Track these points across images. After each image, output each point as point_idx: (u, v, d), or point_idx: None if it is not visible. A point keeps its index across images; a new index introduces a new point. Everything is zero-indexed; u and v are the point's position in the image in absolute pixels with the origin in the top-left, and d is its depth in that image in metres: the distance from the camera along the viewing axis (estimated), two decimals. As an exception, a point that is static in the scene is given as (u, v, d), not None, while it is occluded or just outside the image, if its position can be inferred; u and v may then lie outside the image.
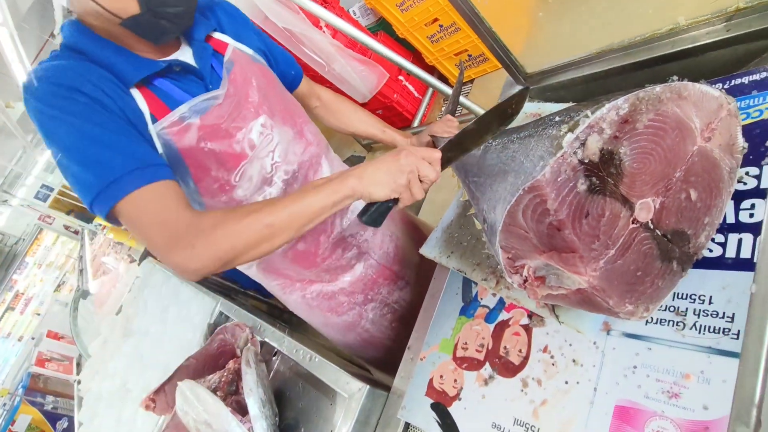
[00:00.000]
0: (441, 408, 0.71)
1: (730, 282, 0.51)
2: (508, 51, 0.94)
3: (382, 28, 2.71)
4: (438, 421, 0.70)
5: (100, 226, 4.43)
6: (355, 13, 2.84)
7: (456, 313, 0.79)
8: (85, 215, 5.66)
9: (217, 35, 0.86)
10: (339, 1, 2.51)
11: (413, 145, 1.03)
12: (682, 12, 0.73)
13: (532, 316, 0.68)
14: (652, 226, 0.51)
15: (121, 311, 1.82)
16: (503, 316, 0.72)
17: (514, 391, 0.64)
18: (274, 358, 1.03)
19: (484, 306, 0.76)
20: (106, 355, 1.68)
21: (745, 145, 0.54)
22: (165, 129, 0.74)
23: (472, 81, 2.58)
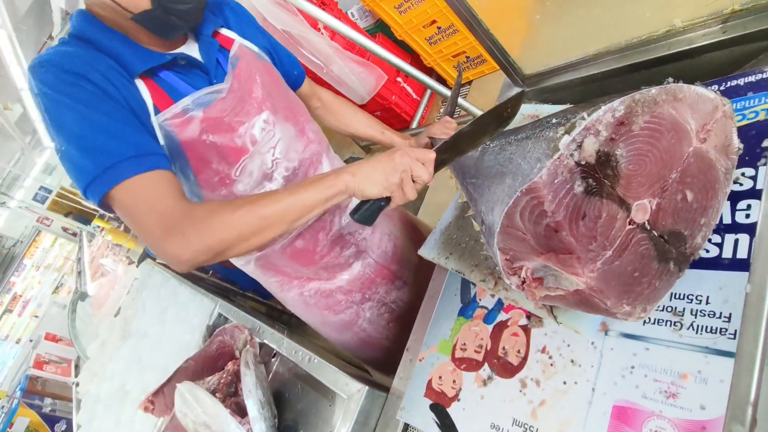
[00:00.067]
0: (440, 409, 0.71)
1: (727, 282, 0.51)
2: (505, 53, 0.95)
3: (381, 30, 2.72)
4: (437, 422, 0.70)
5: (98, 228, 4.42)
6: (353, 15, 2.84)
7: (454, 314, 0.80)
8: (84, 217, 5.65)
9: (224, 31, 0.87)
10: (337, 3, 2.52)
11: (411, 146, 1.04)
12: (679, 14, 0.73)
13: (531, 316, 0.68)
14: (648, 227, 0.51)
15: (120, 313, 1.82)
16: (502, 316, 0.72)
17: (512, 392, 0.64)
18: (273, 360, 1.03)
19: (482, 307, 0.76)
20: (105, 357, 1.68)
21: (740, 146, 0.54)
22: (167, 120, 0.75)
23: (471, 82, 2.59)
